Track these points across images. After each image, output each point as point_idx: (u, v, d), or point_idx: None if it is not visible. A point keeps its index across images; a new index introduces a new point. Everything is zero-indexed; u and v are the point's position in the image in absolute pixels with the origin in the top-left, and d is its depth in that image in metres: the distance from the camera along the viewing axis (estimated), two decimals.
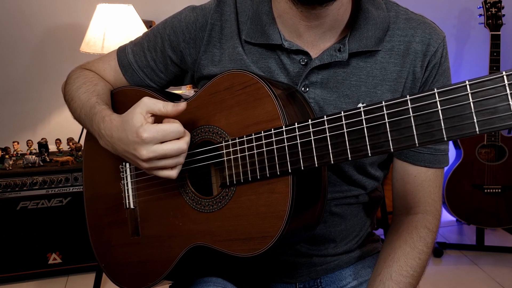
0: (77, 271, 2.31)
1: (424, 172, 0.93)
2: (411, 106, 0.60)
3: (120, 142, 0.81)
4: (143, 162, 0.78)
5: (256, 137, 0.76)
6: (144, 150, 0.76)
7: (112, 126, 0.83)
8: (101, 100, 0.93)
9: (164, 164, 0.78)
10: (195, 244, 0.84)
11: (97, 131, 0.88)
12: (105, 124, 0.85)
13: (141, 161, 0.78)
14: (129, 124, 0.78)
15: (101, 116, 0.86)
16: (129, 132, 0.78)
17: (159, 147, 0.76)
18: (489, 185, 2.41)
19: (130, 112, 0.80)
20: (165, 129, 0.76)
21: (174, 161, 0.78)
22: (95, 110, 0.89)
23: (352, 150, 0.66)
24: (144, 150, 0.76)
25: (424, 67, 0.88)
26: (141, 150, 0.76)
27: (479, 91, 0.55)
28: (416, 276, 0.88)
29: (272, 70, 0.89)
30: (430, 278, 2.30)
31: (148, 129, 0.76)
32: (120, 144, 0.81)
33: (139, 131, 0.76)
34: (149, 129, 0.76)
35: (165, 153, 0.76)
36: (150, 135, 0.75)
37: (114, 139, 0.82)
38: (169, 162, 0.78)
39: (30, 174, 2.19)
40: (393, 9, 0.90)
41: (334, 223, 0.95)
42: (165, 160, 0.78)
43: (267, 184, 0.75)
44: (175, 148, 0.77)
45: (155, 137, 0.76)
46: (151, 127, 0.76)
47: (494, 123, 0.54)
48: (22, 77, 2.48)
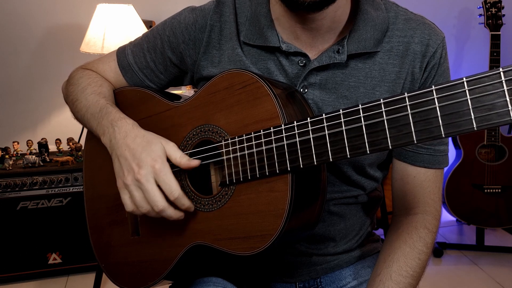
0: (77, 271, 2.31)
1: (423, 173, 0.93)
2: (409, 104, 0.61)
3: (128, 149, 0.82)
4: (131, 177, 0.80)
5: (256, 136, 0.76)
6: (144, 172, 0.79)
7: (131, 132, 0.85)
8: (111, 102, 0.95)
9: (137, 195, 0.80)
10: (195, 243, 0.84)
11: (105, 126, 0.88)
12: (122, 123, 0.86)
13: (130, 175, 0.80)
14: (150, 147, 0.81)
15: (120, 116, 0.88)
16: (146, 151, 0.80)
17: (153, 183, 0.79)
18: (489, 185, 2.41)
19: (156, 138, 0.83)
20: (170, 179, 0.79)
21: (142, 203, 0.80)
22: (108, 109, 0.91)
23: (350, 147, 0.66)
24: (144, 172, 0.79)
25: (423, 68, 0.88)
26: (142, 171, 0.79)
27: (477, 88, 0.55)
28: (416, 277, 0.88)
29: (271, 71, 0.89)
30: (430, 278, 2.30)
31: (163, 166, 0.79)
32: (127, 150, 0.82)
33: (157, 160, 0.79)
34: (163, 166, 0.79)
35: (149, 192, 0.79)
36: (158, 170, 0.79)
37: (123, 142, 0.83)
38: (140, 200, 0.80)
39: (30, 174, 2.19)
40: (392, 10, 0.90)
41: (333, 222, 0.96)
42: (140, 194, 0.80)
43: (267, 183, 0.76)
44: (156, 199, 0.79)
45: (159, 174, 0.79)
46: (166, 168, 0.79)
47: (492, 119, 0.54)
48: (22, 77, 2.48)
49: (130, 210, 0.82)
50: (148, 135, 0.84)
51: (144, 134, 0.84)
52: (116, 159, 0.84)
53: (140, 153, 0.80)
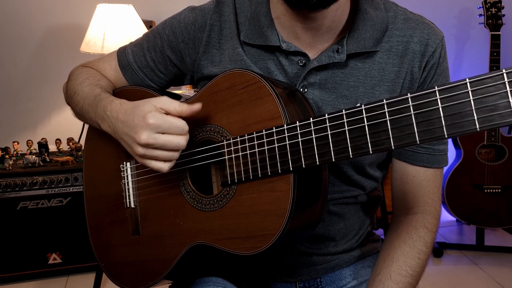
0: (77, 271, 2.31)
1: (423, 172, 0.93)
2: (412, 104, 0.61)
3: (123, 124, 0.81)
4: (140, 146, 0.78)
5: (258, 136, 0.76)
6: (145, 135, 0.77)
7: (120, 108, 0.84)
8: (106, 91, 0.94)
9: (159, 154, 0.78)
10: (195, 243, 0.84)
11: (101, 114, 0.88)
12: (112, 106, 0.86)
13: (138, 146, 0.78)
14: (138, 108, 0.79)
15: (110, 100, 0.88)
16: (136, 116, 0.79)
17: (160, 136, 0.77)
18: (489, 185, 2.42)
19: (143, 100, 0.81)
20: (172, 121, 0.77)
21: (169, 154, 0.78)
22: (100, 96, 0.90)
23: (353, 147, 0.66)
24: (145, 134, 0.77)
25: (422, 68, 0.88)
26: (142, 134, 0.77)
27: (479, 89, 0.55)
28: (416, 276, 0.88)
29: (270, 71, 0.89)
30: (430, 278, 2.30)
31: (156, 116, 0.77)
32: (123, 126, 0.81)
33: (147, 115, 0.77)
34: (157, 116, 0.77)
35: (164, 143, 0.77)
36: (156, 122, 0.76)
37: (118, 121, 0.83)
38: (165, 154, 0.78)
39: (30, 174, 2.19)
40: (391, 9, 0.90)
41: (333, 222, 0.96)
42: (161, 151, 0.78)
43: (268, 183, 0.76)
44: (175, 142, 0.77)
45: (160, 125, 0.77)
46: (159, 115, 0.77)
47: (494, 120, 0.54)
48: (22, 77, 2.48)
49: (167, 167, 0.80)
50: (136, 102, 0.82)
51: (132, 104, 0.83)
52: (121, 140, 0.84)
53: (132, 120, 0.79)
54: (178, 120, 0.78)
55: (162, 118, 0.77)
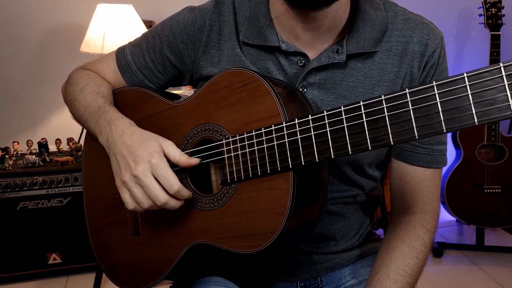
0: (77, 271, 2.31)
1: (421, 172, 0.93)
2: (410, 99, 0.61)
3: (125, 146, 0.82)
4: (129, 174, 0.79)
5: (257, 134, 0.76)
6: (141, 168, 0.78)
7: (128, 129, 0.85)
8: (109, 102, 0.95)
9: (136, 192, 0.79)
10: (196, 242, 0.84)
11: (103, 126, 0.88)
12: (119, 123, 0.86)
13: (128, 172, 0.80)
14: (147, 143, 0.81)
15: (117, 115, 0.88)
16: (142, 147, 0.80)
17: (151, 178, 0.78)
18: (489, 185, 2.42)
19: (153, 136, 0.83)
20: (168, 173, 0.78)
21: (142, 199, 0.79)
22: (105, 108, 0.91)
23: (352, 144, 0.66)
24: (141, 168, 0.78)
25: (421, 68, 0.88)
26: (140, 166, 0.78)
27: (477, 83, 0.56)
28: (414, 276, 0.88)
29: (270, 71, 0.89)
30: (430, 278, 2.30)
31: (160, 159, 0.79)
32: (123, 147, 0.82)
33: (153, 155, 0.79)
34: (160, 160, 0.79)
35: (148, 186, 0.78)
36: (156, 164, 0.78)
37: (120, 140, 0.83)
38: (139, 196, 0.79)
39: (30, 174, 2.19)
40: (391, 9, 0.90)
41: (332, 221, 0.96)
42: (139, 190, 0.79)
43: (268, 181, 0.76)
44: (157, 193, 0.78)
45: (157, 169, 0.78)
46: (163, 162, 0.79)
47: (493, 114, 0.54)
48: (22, 77, 2.48)
49: (132, 208, 0.82)
50: (145, 133, 0.84)
51: (141, 132, 0.84)
52: (114, 157, 0.84)
53: (136, 149, 0.80)
54: (174, 177, 0.78)
55: (164, 164, 0.79)
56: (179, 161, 0.81)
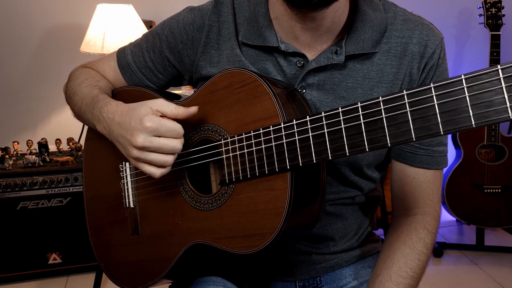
0: (77, 271, 2.31)
1: (422, 174, 0.93)
2: (408, 101, 0.61)
3: (119, 126, 0.81)
4: (135, 149, 0.78)
5: (255, 135, 0.76)
6: (141, 137, 0.77)
7: (117, 110, 0.84)
8: (104, 92, 0.94)
9: (154, 158, 0.78)
10: (194, 242, 0.85)
11: (97, 115, 0.88)
12: (108, 107, 0.86)
13: (133, 148, 0.78)
14: (135, 111, 0.79)
15: (106, 101, 0.88)
16: (133, 118, 0.79)
17: (156, 139, 0.77)
18: (489, 185, 2.41)
19: (139, 103, 0.81)
20: (168, 125, 0.77)
21: (164, 158, 0.78)
22: (98, 98, 0.90)
23: (349, 145, 0.66)
24: (142, 137, 0.77)
25: (421, 69, 0.88)
26: (139, 137, 0.77)
27: (475, 85, 0.55)
28: (416, 277, 0.88)
29: (269, 71, 0.89)
30: (430, 278, 2.30)
31: (153, 119, 0.77)
32: (119, 128, 0.81)
33: (144, 118, 0.77)
34: (154, 119, 0.77)
35: (160, 146, 0.77)
36: (153, 125, 0.77)
37: (114, 123, 0.83)
38: (159, 158, 0.78)
39: (30, 174, 2.19)
40: (391, 10, 0.89)
41: (330, 222, 0.96)
42: (156, 154, 0.78)
43: (266, 181, 0.76)
44: (171, 145, 0.77)
45: (157, 129, 0.77)
46: (156, 119, 0.77)
47: (490, 116, 0.54)
48: (22, 77, 2.48)
49: (160, 173, 0.80)
50: (132, 105, 0.82)
51: (128, 107, 0.83)
52: (116, 142, 0.84)
53: (129, 123, 0.79)
54: (175, 124, 0.78)
55: (159, 121, 0.77)
56: (177, 113, 0.79)
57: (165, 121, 0.77)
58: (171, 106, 0.80)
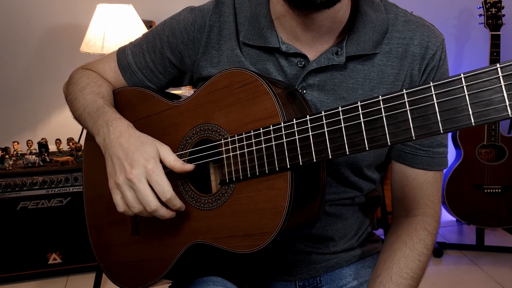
0: (77, 271, 2.31)
1: (422, 175, 0.93)
2: (408, 100, 0.61)
3: (121, 148, 0.82)
4: (123, 177, 0.79)
5: (255, 134, 0.76)
6: (136, 171, 0.78)
7: (125, 132, 0.85)
8: (109, 102, 0.95)
9: (129, 196, 0.79)
10: (194, 242, 0.84)
11: (101, 126, 0.88)
12: (117, 124, 0.86)
13: (122, 175, 0.79)
14: (144, 147, 0.81)
15: (116, 117, 0.88)
16: (139, 151, 0.80)
17: (144, 183, 0.78)
18: (489, 185, 2.42)
19: (150, 140, 0.83)
20: (162, 180, 0.78)
21: (134, 203, 0.79)
22: (104, 109, 0.91)
23: (349, 144, 0.66)
24: (137, 172, 0.78)
25: (422, 70, 0.88)
26: (135, 170, 0.78)
27: (474, 84, 0.55)
28: (416, 278, 0.88)
29: (269, 72, 0.89)
30: (430, 278, 2.30)
31: (156, 167, 0.79)
32: (120, 149, 0.82)
33: (150, 160, 0.79)
34: (156, 166, 0.79)
35: (141, 191, 0.78)
36: (151, 170, 0.78)
37: (117, 142, 0.83)
38: (131, 200, 0.79)
39: (30, 174, 2.20)
40: (392, 11, 0.89)
41: (330, 222, 0.95)
42: (131, 194, 0.79)
43: (266, 181, 0.76)
44: (149, 199, 0.78)
45: (151, 175, 0.78)
46: (159, 169, 0.79)
47: (490, 115, 0.54)
48: (22, 77, 2.48)
49: (122, 210, 0.82)
50: (142, 137, 0.84)
51: (138, 135, 0.84)
52: (109, 158, 0.84)
53: (133, 153, 0.80)
54: (168, 186, 0.78)
55: (159, 171, 0.79)
56: (174, 166, 0.81)
57: (163, 176, 0.79)
58: (172, 157, 0.81)
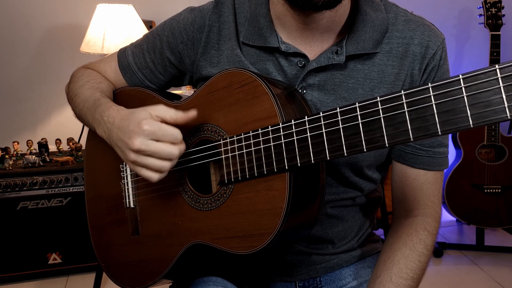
0: (77, 271, 2.31)
1: (423, 175, 0.93)
2: (406, 101, 0.60)
3: (119, 130, 0.81)
4: (132, 152, 0.78)
5: (254, 135, 0.76)
6: (138, 140, 0.76)
7: (117, 114, 0.84)
8: (106, 96, 0.94)
9: (150, 162, 0.77)
10: (194, 242, 0.85)
11: (98, 119, 0.88)
12: (109, 112, 0.85)
13: (130, 152, 0.78)
14: (134, 115, 0.79)
15: (108, 106, 0.87)
16: (132, 122, 0.78)
17: (153, 143, 0.76)
18: (489, 185, 2.41)
19: (139, 108, 0.81)
20: (166, 129, 0.77)
21: (160, 164, 0.78)
22: (100, 101, 0.90)
23: (347, 145, 0.66)
24: (139, 140, 0.76)
25: (422, 70, 0.87)
26: (136, 140, 0.76)
27: (473, 85, 0.55)
28: (416, 279, 0.88)
29: (269, 72, 0.89)
30: (430, 278, 2.30)
31: (151, 123, 0.77)
32: (118, 131, 0.81)
33: (142, 122, 0.76)
34: (152, 123, 0.77)
35: (157, 151, 0.76)
36: (150, 129, 0.76)
37: (113, 126, 0.83)
38: (156, 162, 0.77)
39: (30, 174, 2.20)
40: (392, 11, 0.89)
41: (331, 225, 0.95)
42: (153, 159, 0.77)
43: (265, 182, 0.76)
44: (168, 150, 0.77)
45: (154, 132, 0.76)
46: (154, 123, 0.77)
47: (488, 116, 0.54)
48: (22, 77, 2.48)
49: (157, 178, 0.79)
50: (132, 109, 0.82)
51: (129, 111, 0.82)
52: (115, 146, 0.83)
53: (127, 126, 0.79)
54: (173, 129, 0.77)
55: (157, 125, 0.77)
56: (177, 118, 0.79)
57: (163, 125, 0.77)
58: (171, 111, 0.79)
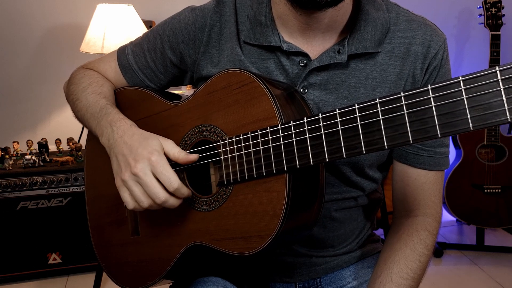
0: (77, 271, 2.31)
1: (424, 175, 0.93)
2: (405, 103, 0.60)
3: (125, 145, 0.82)
4: (129, 172, 0.79)
5: (253, 136, 0.76)
6: (141, 165, 0.78)
7: (129, 130, 0.85)
8: (111, 102, 0.95)
9: (136, 191, 0.79)
10: (193, 243, 0.84)
11: (104, 127, 0.88)
12: (120, 123, 0.86)
13: (127, 171, 0.79)
14: (147, 141, 0.81)
15: (119, 117, 0.88)
16: (142, 146, 0.80)
17: (151, 176, 0.78)
18: (489, 185, 2.41)
19: (153, 136, 0.83)
20: (167, 170, 0.78)
21: (142, 197, 0.79)
22: (107, 110, 0.91)
23: (346, 147, 0.66)
24: (141, 165, 0.78)
25: (424, 70, 0.87)
26: (139, 164, 0.78)
27: (473, 87, 0.55)
28: (417, 279, 0.88)
29: (271, 71, 0.89)
30: (430, 278, 2.30)
31: (160, 158, 0.79)
32: (124, 146, 0.82)
33: (153, 153, 0.79)
34: (160, 159, 0.79)
35: (148, 185, 0.77)
36: (156, 163, 0.78)
37: (121, 140, 0.83)
38: (139, 195, 0.79)
39: (30, 174, 2.20)
40: (393, 10, 0.89)
41: (334, 228, 0.95)
42: (140, 189, 0.79)
43: (264, 183, 0.75)
44: (156, 190, 0.78)
45: (157, 168, 0.78)
46: (163, 160, 0.79)
47: (488, 119, 0.54)
48: (22, 77, 2.48)
49: (132, 207, 0.81)
50: (145, 133, 0.84)
51: (141, 132, 0.84)
52: (114, 157, 0.84)
53: (136, 148, 0.80)
54: (174, 175, 0.78)
55: (164, 163, 0.78)
56: (178, 158, 0.81)
57: (167, 167, 0.78)
58: (176, 149, 0.81)
